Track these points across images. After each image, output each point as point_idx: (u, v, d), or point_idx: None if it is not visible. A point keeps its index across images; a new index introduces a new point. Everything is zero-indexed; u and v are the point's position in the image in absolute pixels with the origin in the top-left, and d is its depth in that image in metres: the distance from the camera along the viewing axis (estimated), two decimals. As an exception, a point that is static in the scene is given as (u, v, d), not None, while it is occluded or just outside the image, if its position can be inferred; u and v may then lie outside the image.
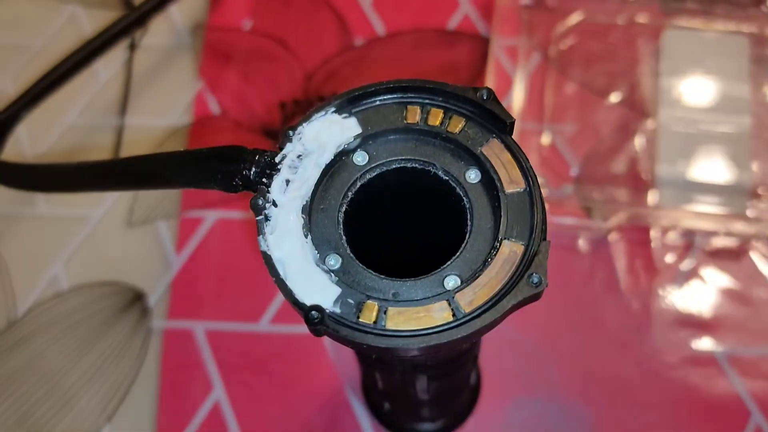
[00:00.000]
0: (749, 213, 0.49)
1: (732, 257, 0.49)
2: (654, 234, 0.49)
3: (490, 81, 0.52)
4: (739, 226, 0.48)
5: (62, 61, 0.49)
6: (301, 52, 0.56)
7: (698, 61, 0.53)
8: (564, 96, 0.53)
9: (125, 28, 0.51)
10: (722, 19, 0.54)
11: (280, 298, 0.48)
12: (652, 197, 0.49)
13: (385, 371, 0.34)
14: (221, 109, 0.55)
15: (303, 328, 0.48)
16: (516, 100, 0.52)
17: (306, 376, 0.47)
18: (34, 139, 0.55)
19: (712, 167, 0.50)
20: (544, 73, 0.54)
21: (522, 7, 0.55)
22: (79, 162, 0.35)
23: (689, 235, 0.49)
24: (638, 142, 0.51)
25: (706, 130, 0.51)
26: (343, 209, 0.27)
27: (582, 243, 0.49)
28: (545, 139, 0.51)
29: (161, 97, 0.56)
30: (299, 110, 0.54)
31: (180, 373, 0.47)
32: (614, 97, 0.53)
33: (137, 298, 0.49)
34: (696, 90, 0.52)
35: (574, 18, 0.54)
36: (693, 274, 0.48)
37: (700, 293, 0.48)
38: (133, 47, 0.57)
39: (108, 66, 0.57)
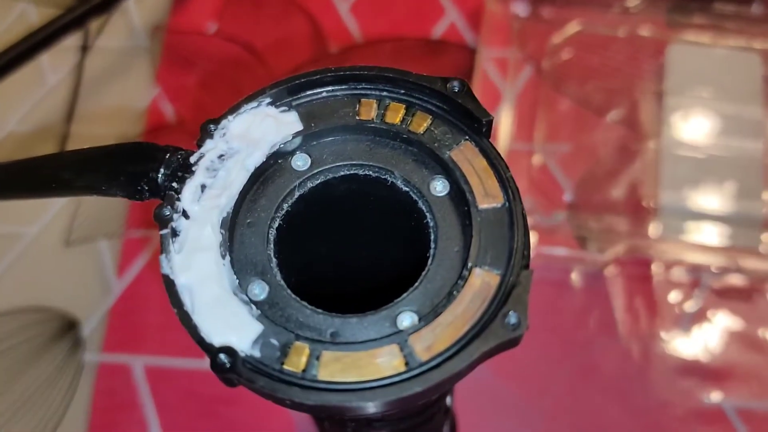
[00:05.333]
0: (762, 248, 0.43)
1: (743, 297, 0.43)
2: (656, 269, 0.44)
3: (476, 95, 0.47)
4: (751, 263, 0.43)
5: (5, 50, 0.44)
6: (270, 58, 0.51)
7: (706, 79, 0.48)
8: (558, 113, 0.48)
9: (77, 18, 0.46)
10: (733, 34, 0.49)
11: (231, 331, 0.43)
12: (654, 227, 0.44)
13: (334, 425, 0.28)
14: (178, 118, 0.49)
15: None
16: (504, 117, 0.47)
17: (258, 422, 0.41)
18: (-31, 147, 0.50)
19: (721, 196, 0.45)
20: (536, 87, 0.48)
21: (513, 16, 0.50)
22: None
23: (695, 272, 0.43)
24: (639, 165, 0.46)
25: (714, 154, 0.46)
26: (276, 225, 0.22)
27: (575, 277, 0.43)
28: (536, 160, 0.46)
29: (113, 103, 0.50)
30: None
31: (113, 414, 0.41)
32: (613, 116, 0.47)
33: (70, 326, 0.43)
34: (703, 111, 0.47)
35: (571, 29, 0.49)
36: (699, 315, 0.43)
37: (708, 337, 0.42)
38: (85, 48, 0.52)
39: (56, 68, 0.51)
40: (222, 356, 0.19)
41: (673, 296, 0.43)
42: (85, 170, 0.24)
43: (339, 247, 0.24)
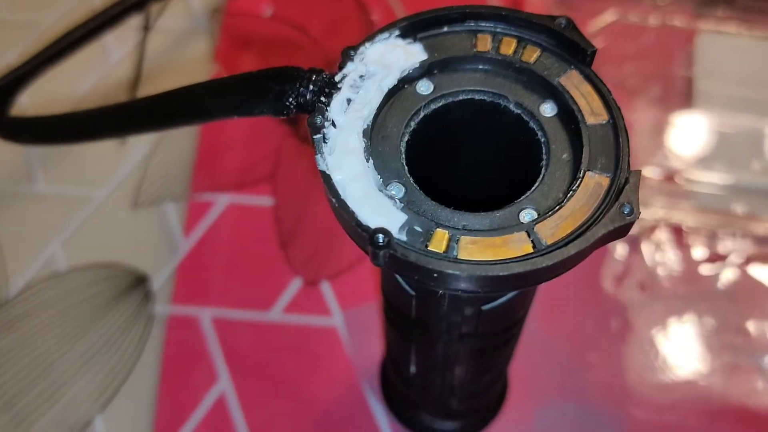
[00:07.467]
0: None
1: (768, 264, 0.47)
2: (688, 237, 0.47)
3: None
4: (776, 233, 0.46)
5: (71, 30, 0.47)
6: (323, 40, 0.54)
7: (733, 65, 0.52)
8: (594, 95, 0.51)
9: (137, 3, 0.49)
10: (756, 25, 0.53)
11: (293, 285, 0.45)
12: (688, 200, 0.47)
13: (425, 343, 0.31)
14: (237, 93, 0.52)
15: (318, 319, 0.45)
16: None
17: (320, 370, 0.43)
18: (37, 117, 0.52)
19: (748, 171, 0.48)
20: (574, 71, 0.52)
21: (552, 5, 0.53)
22: (102, 106, 0.32)
23: (728, 239, 0.47)
24: (673, 143, 0.49)
25: (743, 133, 0.49)
26: (405, 139, 0.25)
27: (615, 244, 0.47)
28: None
29: (174, 79, 0.53)
30: (319, 98, 0.52)
31: (183, 363, 0.44)
32: (648, 98, 0.51)
33: (140, 281, 0.46)
34: (730, 95, 0.51)
35: (606, 18, 0.53)
36: (733, 280, 0.46)
37: (741, 299, 0.45)
38: (147, 28, 0.55)
39: (120, 45, 0.54)
40: (379, 236, 0.21)
41: (708, 262, 0.46)
42: (228, 94, 0.26)
43: (459, 160, 0.27)
